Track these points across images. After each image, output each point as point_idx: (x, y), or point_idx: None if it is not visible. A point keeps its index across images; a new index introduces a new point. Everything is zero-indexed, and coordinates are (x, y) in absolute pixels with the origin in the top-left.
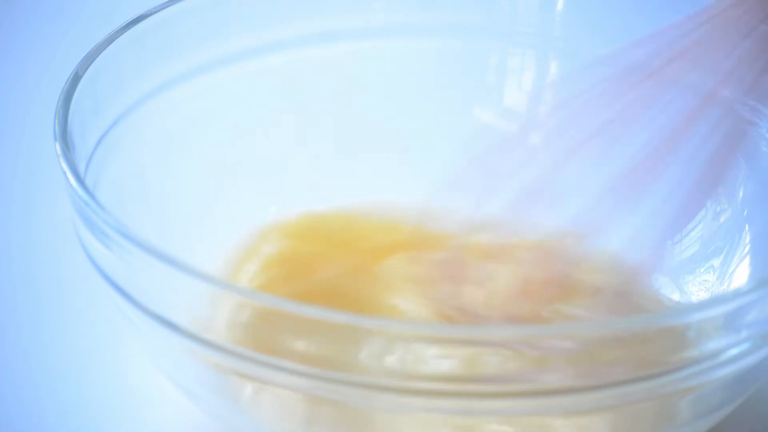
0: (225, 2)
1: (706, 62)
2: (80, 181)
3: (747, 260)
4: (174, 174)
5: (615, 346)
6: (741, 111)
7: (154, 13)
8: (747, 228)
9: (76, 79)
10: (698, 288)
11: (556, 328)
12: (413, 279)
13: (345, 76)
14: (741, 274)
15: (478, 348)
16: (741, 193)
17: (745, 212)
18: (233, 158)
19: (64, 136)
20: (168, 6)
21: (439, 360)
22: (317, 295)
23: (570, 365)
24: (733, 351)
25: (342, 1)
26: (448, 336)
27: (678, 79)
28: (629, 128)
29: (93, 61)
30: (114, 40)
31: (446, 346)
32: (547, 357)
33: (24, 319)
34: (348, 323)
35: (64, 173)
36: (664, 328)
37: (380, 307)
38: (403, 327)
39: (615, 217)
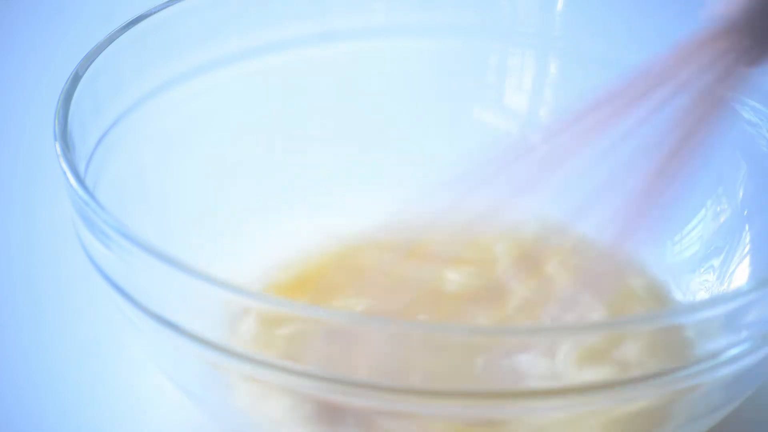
0: (225, 2)
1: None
2: (80, 181)
3: (747, 260)
4: (174, 174)
5: (615, 345)
6: (741, 111)
7: (154, 13)
8: (747, 228)
9: (76, 79)
10: (698, 288)
11: (556, 328)
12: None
13: (345, 76)
14: (741, 274)
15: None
16: (741, 193)
17: (745, 212)
18: (233, 158)
19: (64, 136)
20: (168, 6)
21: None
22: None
23: (569, 366)
24: (733, 351)
25: (342, 1)
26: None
27: (677, 79)
28: (628, 128)
29: (93, 61)
30: (114, 40)
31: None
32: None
33: (24, 319)
34: (348, 324)
35: (64, 173)
36: (664, 328)
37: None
38: (399, 327)
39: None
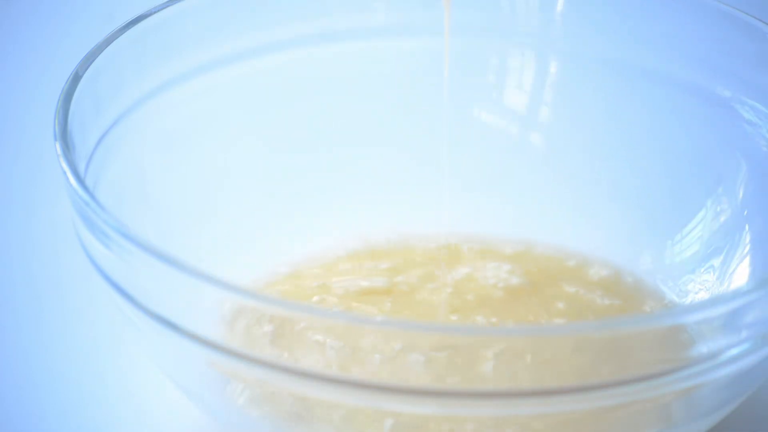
0: (225, 2)
1: (707, 62)
2: (80, 181)
3: (747, 260)
4: (174, 174)
5: (615, 345)
6: (741, 111)
7: (154, 13)
8: (747, 228)
9: (76, 79)
10: (698, 288)
11: (556, 329)
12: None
13: (345, 76)
14: (741, 274)
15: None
16: (741, 193)
17: (745, 212)
18: (233, 158)
19: (64, 136)
20: (168, 6)
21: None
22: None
23: (570, 365)
24: (733, 351)
25: (342, 1)
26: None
27: (678, 79)
28: (627, 127)
29: (93, 61)
30: (114, 40)
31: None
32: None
33: (24, 319)
34: (348, 324)
35: (64, 173)
36: (665, 328)
37: None
38: (400, 328)
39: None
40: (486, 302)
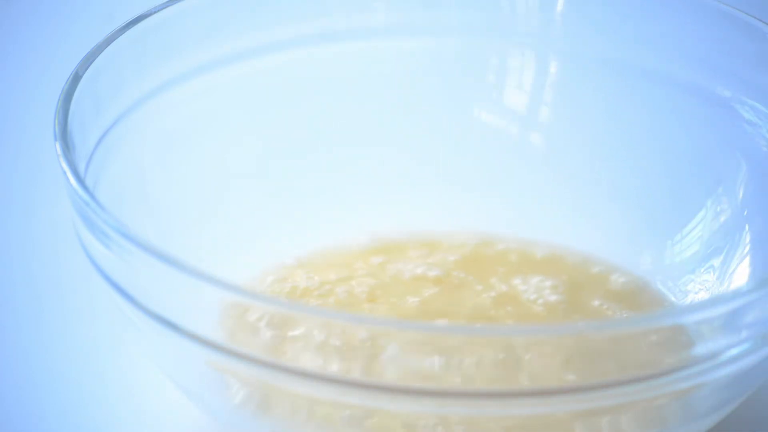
0: (225, 2)
1: (707, 62)
2: (80, 181)
3: (747, 260)
4: (174, 174)
5: (615, 345)
6: (741, 111)
7: (154, 13)
8: (747, 228)
9: (76, 79)
10: (698, 288)
11: (556, 328)
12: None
13: (345, 76)
14: (741, 274)
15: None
16: (741, 193)
17: (745, 212)
18: (233, 158)
19: (64, 136)
20: (168, 6)
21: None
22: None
23: (570, 366)
24: (733, 351)
25: (342, 1)
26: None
27: (678, 79)
28: (627, 127)
29: (93, 61)
30: (114, 40)
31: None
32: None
33: (24, 319)
34: (349, 324)
35: (64, 173)
36: (664, 328)
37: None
38: (402, 327)
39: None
40: (522, 318)
